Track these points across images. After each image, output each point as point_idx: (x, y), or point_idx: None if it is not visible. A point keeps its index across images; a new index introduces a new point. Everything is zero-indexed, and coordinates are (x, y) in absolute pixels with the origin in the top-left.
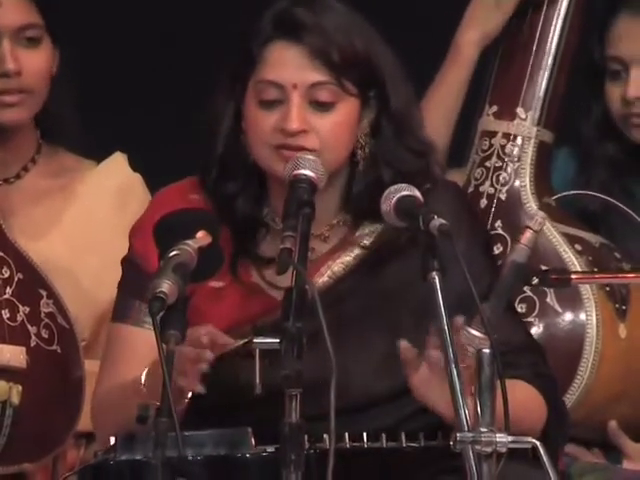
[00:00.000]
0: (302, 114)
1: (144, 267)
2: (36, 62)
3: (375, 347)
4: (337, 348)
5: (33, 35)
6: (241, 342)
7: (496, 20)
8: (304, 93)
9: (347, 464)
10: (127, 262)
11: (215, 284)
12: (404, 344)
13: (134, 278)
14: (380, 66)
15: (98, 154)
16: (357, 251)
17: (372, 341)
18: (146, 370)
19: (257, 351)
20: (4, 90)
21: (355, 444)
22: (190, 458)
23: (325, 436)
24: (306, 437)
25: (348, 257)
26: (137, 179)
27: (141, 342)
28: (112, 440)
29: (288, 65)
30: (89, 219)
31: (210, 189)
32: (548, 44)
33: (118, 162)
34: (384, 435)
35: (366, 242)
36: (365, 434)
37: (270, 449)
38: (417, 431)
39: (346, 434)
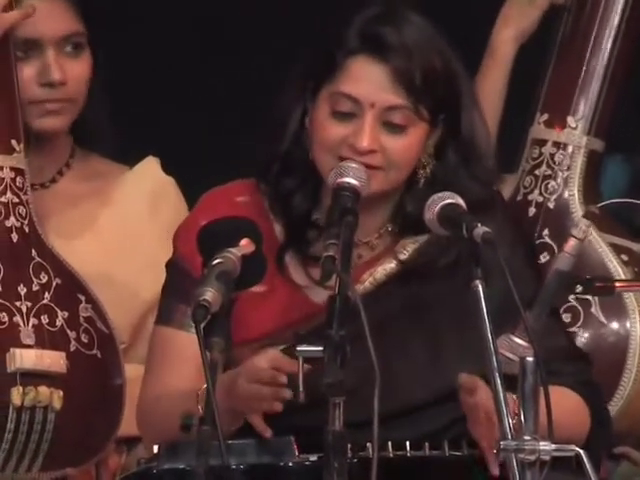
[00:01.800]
0: (374, 134)
1: (189, 270)
2: (79, 71)
3: (415, 353)
4: (378, 354)
5: (76, 44)
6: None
7: (531, 16)
8: (379, 113)
9: (390, 473)
10: (172, 265)
11: (257, 289)
12: (465, 376)
13: (179, 281)
14: (456, 89)
15: (130, 158)
16: (398, 260)
17: (412, 347)
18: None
19: (300, 359)
20: (48, 99)
21: (398, 452)
22: (233, 467)
23: (368, 444)
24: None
25: (390, 264)
26: (170, 182)
27: (185, 345)
28: (155, 448)
29: (369, 83)
30: (123, 222)
31: (271, 184)
32: (601, 53)
33: (151, 166)
34: (427, 444)
35: (407, 252)
36: (408, 442)
37: (313, 458)
38: (460, 438)
39: (389, 443)
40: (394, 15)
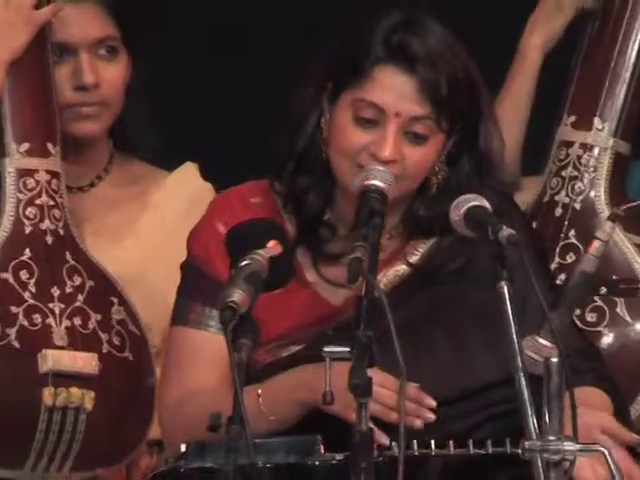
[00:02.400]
0: (397, 144)
1: (204, 270)
2: (113, 74)
3: (436, 350)
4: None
5: (110, 47)
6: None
7: (558, 23)
8: (403, 123)
9: (415, 471)
10: (187, 266)
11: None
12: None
13: (194, 282)
14: (476, 100)
15: (169, 163)
16: (408, 262)
17: (433, 345)
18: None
19: (327, 360)
20: (82, 102)
21: (423, 450)
22: (260, 465)
23: (394, 444)
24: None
25: (402, 266)
26: (208, 188)
27: (203, 344)
28: (183, 447)
29: (396, 92)
30: (161, 226)
31: (285, 182)
32: (628, 56)
33: (189, 171)
34: (452, 442)
35: (417, 253)
36: (433, 441)
37: (339, 457)
38: (485, 438)
39: (414, 442)
40: (417, 24)
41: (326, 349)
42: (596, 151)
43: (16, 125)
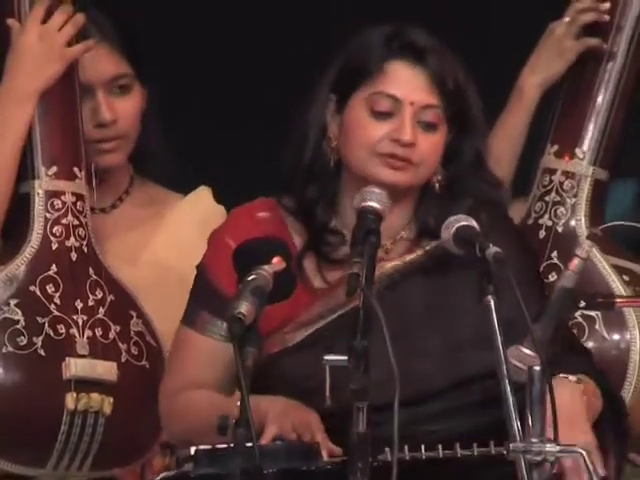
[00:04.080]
0: (414, 129)
1: (215, 284)
2: (129, 108)
3: (434, 339)
4: (399, 338)
5: (124, 84)
6: None
7: (558, 67)
8: (416, 111)
9: (407, 475)
10: (200, 271)
11: None
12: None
13: (204, 290)
14: (471, 97)
15: (184, 187)
16: (417, 254)
17: (431, 334)
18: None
19: (327, 368)
20: (102, 138)
21: (414, 454)
22: (265, 472)
23: (387, 449)
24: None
25: (411, 256)
26: (220, 211)
27: (204, 349)
28: (192, 450)
29: (408, 83)
30: (175, 246)
31: (296, 195)
32: (606, 92)
33: (203, 195)
34: (440, 446)
35: (426, 248)
36: (423, 446)
37: (337, 460)
38: (473, 441)
39: (405, 447)
40: (413, 28)
41: (326, 357)
42: (577, 178)
43: (45, 150)
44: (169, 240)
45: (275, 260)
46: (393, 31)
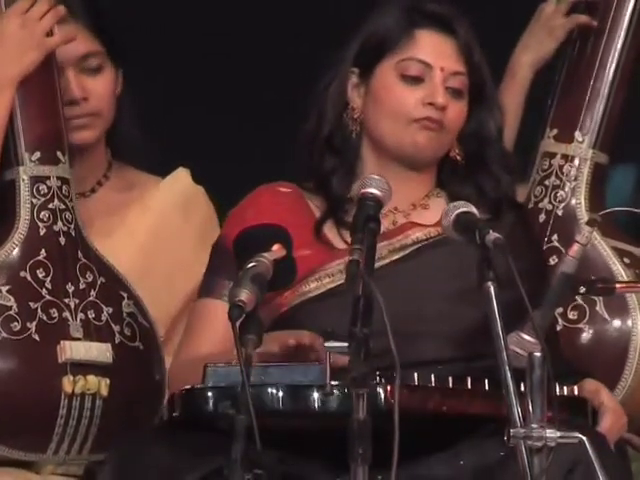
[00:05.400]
0: (445, 93)
1: (227, 246)
2: (100, 87)
3: (445, 289)
4: (414, 287)
5: (95, 62)
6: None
7: (549, 46)
8: (445, 77)
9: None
10: (216, 246)
11: (301, 252)
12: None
13: (221, 259)
14: (488, 73)
15: (162, 169)
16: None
17: (443, 284)
18: None
19: (328, 354)
20: (74, 115)
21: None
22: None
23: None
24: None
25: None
26: (200, 191)
27: (220, 312)
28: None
29: (438, 50)
30: (158, 228)
31: (314, 165)
32: (606, 74)
33: (182, 176)
34: (450, 379)
35: None
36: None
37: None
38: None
39: (415, 374)
40: (431, 1)
41: (327, 344)
42: (577, 162)
43: (28, 136)
44: (150, 222)
45: (275, 247)
46: (415, 2)
